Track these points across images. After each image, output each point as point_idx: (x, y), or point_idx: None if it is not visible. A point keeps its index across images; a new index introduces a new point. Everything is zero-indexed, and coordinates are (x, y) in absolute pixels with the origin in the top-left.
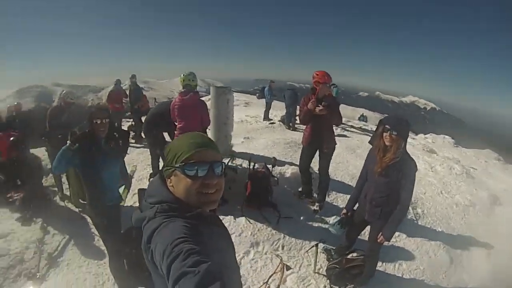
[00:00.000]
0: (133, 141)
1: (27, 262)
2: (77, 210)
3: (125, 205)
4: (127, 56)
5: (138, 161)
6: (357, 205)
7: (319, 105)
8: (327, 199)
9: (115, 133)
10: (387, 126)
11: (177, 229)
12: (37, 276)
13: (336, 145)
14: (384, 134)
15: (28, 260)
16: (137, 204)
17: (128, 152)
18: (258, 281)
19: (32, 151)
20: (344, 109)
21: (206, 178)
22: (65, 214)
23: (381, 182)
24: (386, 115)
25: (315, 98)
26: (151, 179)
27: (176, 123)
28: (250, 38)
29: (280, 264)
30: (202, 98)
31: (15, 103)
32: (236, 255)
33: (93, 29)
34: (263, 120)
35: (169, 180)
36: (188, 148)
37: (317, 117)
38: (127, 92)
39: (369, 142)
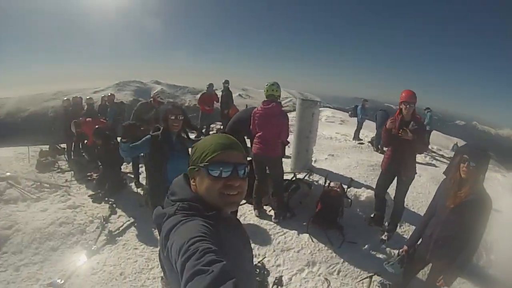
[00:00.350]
0: None
1: (87, 234)
2: None
3: None
4: (231, 62)
5: None
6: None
7: (405, 128)
8: (398, 229)
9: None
10: (465, 156)
11: (195, 227)
12: (93, 248)
13: (416, 174)
14: (461, 165)
15: (89, 232)
16: None
17: None
18: None
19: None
20: (437, 136)
21: (229, 179)
22: (136, 199)
23: (451, 219)
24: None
25: (397, 118)
26: None
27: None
28: (352, 54)
29: None
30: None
31: (109, 94)
32: (289, 271)
33: (202, 34)
34: (353, 139)
35: (193, 179)
36: (213, 148)
37: (399, 141)
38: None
39: (444, 173)
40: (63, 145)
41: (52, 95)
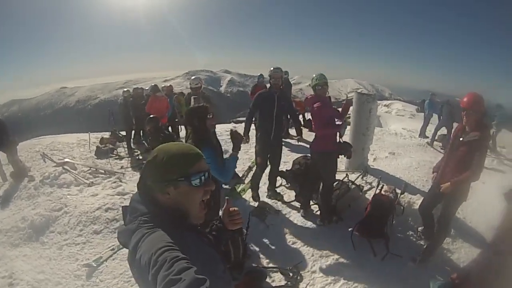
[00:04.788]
0: None
1: None
2: None
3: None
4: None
5: None
6: None
7: (461, 139)
8: (450, 246)
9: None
10: None
11: (160, 238)
12: None
13: (480, 181)
14: None
15: None
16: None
17: None
18: None
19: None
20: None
21: (207, 185)
22: None
23: None
24: None
25: (461, 127)
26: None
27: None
28: (425, 42)
29: None
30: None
31: (168, 85)
32: (323, 279)
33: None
34: (418, 136)
35: (165, 194)
36: (190, 159)
37: (453, 153)
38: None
39: None
40: (124, 133)
41: (123, 83)
